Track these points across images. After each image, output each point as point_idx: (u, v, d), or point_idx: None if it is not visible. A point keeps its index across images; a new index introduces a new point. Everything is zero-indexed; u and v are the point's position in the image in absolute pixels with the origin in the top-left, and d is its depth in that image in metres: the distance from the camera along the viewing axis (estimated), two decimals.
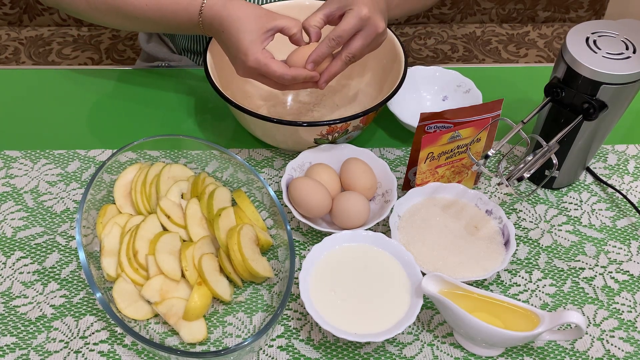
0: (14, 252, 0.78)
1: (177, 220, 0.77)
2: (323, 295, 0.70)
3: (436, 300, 0.68)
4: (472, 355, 0.71)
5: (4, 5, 1.59)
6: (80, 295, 0.74)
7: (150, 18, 0.85)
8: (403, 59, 0.88)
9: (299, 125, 0.80)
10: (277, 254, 0.78)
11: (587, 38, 0.76)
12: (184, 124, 0.95)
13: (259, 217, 0.80)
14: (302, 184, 0.79)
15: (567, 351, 0.72)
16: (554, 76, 0.78)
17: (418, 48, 1.63)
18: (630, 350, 0.72)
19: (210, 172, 0.85)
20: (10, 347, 0.70)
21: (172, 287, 0.72)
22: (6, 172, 0.87)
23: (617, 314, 0.75)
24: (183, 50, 1.15)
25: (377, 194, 0.83)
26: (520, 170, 0.73)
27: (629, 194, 0.88)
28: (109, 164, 0.78)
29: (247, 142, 0.92)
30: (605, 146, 0.94)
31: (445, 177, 0.83)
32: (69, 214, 0.82)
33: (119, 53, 1.61)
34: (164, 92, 0.99)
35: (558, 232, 0.83)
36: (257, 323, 0.73)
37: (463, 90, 0.96)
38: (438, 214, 0.80)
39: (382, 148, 0.92)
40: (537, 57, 1.61)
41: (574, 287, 0.78)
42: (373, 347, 0.71)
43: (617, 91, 0.74)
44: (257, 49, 0.77)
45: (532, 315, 0.68)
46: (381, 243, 0.74)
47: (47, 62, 1.55)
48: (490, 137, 0.82)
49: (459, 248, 0.77)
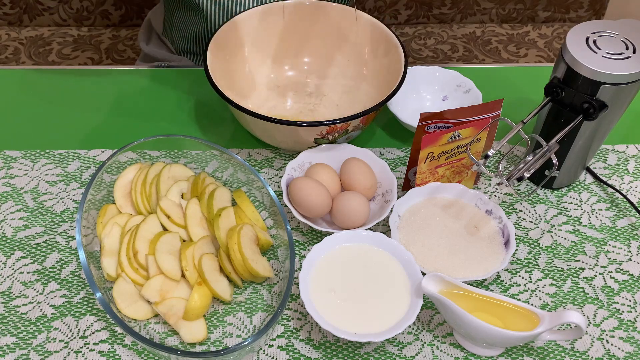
0: (14, 252, 0.78)
1: (177, 220, 0.77)
2: (323, 295, 0.70)
3: (436, 300, 0.68)
4: (472, 355, 0.71)
5: (4, 5, 1.59)
6: (80, 295, 0.74)
7: None
8: (403, 59, 0.88)
9: (299, 125, 0.80)
10: (277, 254, 0.78)
11: (587, 38, 0.76)
12: (184, 124, 0.95)
13: (259, 217, 0.80)
14: (303, 183, 0.79)
15: (567, 351, 0.72)
16: (554, 76, 0.78)
17: (418, 48, 1.63)
18: (630, 350, 0.72)
19: (210, 172, 0.85)
20: (10, 347, 0.70)
21: (172, 287, 0.72)
22: (6, 172, 0.87)
23: (617, 314, 0.75)
24: (182, 52, 1.15)
25: (377, 194, 0.83)
26: (520, 170, 0.73)
27: (629, 194, 0.88)
28: (109, 164, 0.78)
29: (247, 142, 0.92)
30: (605, 146, 0.94)
31: (445, 177, 0.83)
32: (69, 214, 0.83)
33: (119, 53, 1.61)
34: (164, 92, 0.99)
35: (558, 232, 0.83)
36: (257, 323, 0.73)
37: (463, 90, 0.96)
38: (438, 214, 0.80)
39: (382, 148, 0.92)
40: (537, 57, 1.61)
41: (574, 287, 0.78)
42: (373, 347, 0.71)
43: (617, 91, 0.74)
44: None
45: (532, 315, 0.68)
46: (381, 243, 0.74)
47: (47, 62, 1.55)
48: (490, 137, 0.82)
49: (459, 248, 0.77)
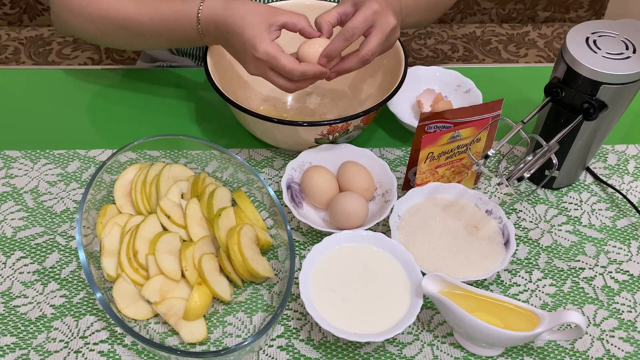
0: (14, 252, 0.78)
1: (177, 220, 0.77)
2: (323, 295, 0.70)
3: (436, 300, 0.68)
4: (472, 355, 0.71)
5: (4, 5, 1.59)
6: (80, 295, 0.74)
7: (155, 32, 0.85)
8: (403, 59, 0.88)
9: (299, 125, 0.80)
10: (277, 254, 0.78)
11: (587, 38, 0.76)
12: (184, 124, 0.95)
13: (259, 217, 0.80)
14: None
15: (567, 351, 0.72)
16: (554, 76, 0.78)
17: (418, 48, 1.63)
18: (630, 350, 0.72)
19: (210, 172, 0.85)
20: (10, 347, 0.70)
21: (172, 287, 0.72)
22: (6, 172, 0.87)
23: (617, 314, 0.75)
24: (183, 52, 1.15)
25: (377, 194, 0.83)
26: (520, 170, 0.73)
27: (629, 194, 0.88)
28: (109, 164, 0.78)
29: (247, 142, 0.92)
30: (605, 146, 0.94)
31: (445, 177, 0.83)
32: (69, 214, 0.82)
33: (119, 53, 1.61)
34: (164, 92, 0.99)
35: (558, 232, 0.83)
36: (257, 323, 0.73)
37: (463, 90, 0.96)
38: (438, 214, 0.80)
39: (382, 148, 0.92)
40: (537, 57, 1.61)
41: (574, 287, 0.78)
42: (373, 347, 0.71)
43: (617, 91, 0.74)
44: (266, 41, 0.76)
45: (532, 315, 0.68)
46: (381, 243, 0.74)
47: (47, 62, 1.55)
48: (490, 137, 0.82)
49: (459, 248, 0.77)
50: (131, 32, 0.86)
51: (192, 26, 0.82)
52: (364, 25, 0.76)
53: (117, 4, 0.85)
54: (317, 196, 0.80)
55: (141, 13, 0.84)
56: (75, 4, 0.86)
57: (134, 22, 0.84)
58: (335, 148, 0.86)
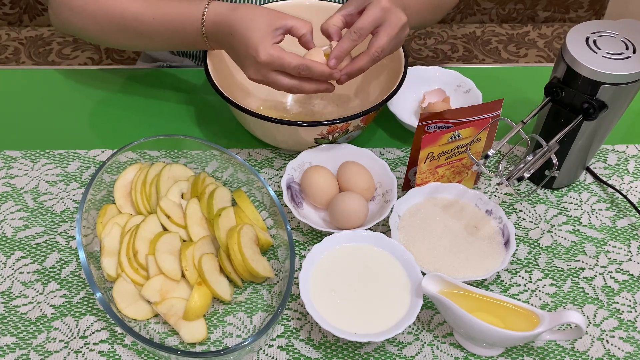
0: (14, 252, 0.78)
1: (177, 220, 0.77)
2: (323, 295, 0.70)
3: (436, 300, 0.68)
4: (472, 355, 0.71)
5: (4, 5, 1.59)
6: (80, 295, 0.75)
7: (159, 32, 0.84)
8: (403, 59, 0.88)
9: (299, 125, 0.80)
10: (277, 254, 0.78)
11: (587, 38, 0.76)
12: (184, 124, 0.95)
13: (259, 217, 0.80)
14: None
15: (567, 351, 0.72)
16: (554, 76, 0.78)
17: (418, 48, 1.63)
18: (630, 350, 0.72)
19: (210, 172, 0.85)
20: (10, 347, 0.70)
21: (172, 287, 0.72)
22: (6, 172, 0.87)
23: (617, 314, 0.75)
24: (183, 52, 1.15)
25: (377, 194, 0.83)
26: (520, 170, 0.73)
27: (629, 194, 0.88)
28: (109, 164, 0.78)
29: (247, 142, 0.92)
30: (605, 146, 0.94)
31: (445, 177, 0.83)
32: (69, 214, 0.83)
33: (119, 53, 1.61)
34: (164, 92, 0.99)
35: (558, 232, 0.83)
36: (257, 323, 0.73)
37: (463, 90, 0.96)
38: (438, 214, 0.80)
39: (382, 148, 0.92)
40: (537, 57, 1.61)
41: (574, 287, 0.78)
42: (373, 347, 0.71)
43: (617, 91, 0.74)
44: (268, 44, 0.75)
45: (532, 315, 0.68)
46: (381, 243, 0.74)
47: (47, 62, 1.55)
48: (490, 137, 0.82)
49: (459, 248, 0.77)
50: (133, 31, 0.85)
51: (196, 27, 0.81)
52: (371, 24, 0.75)
53: (121, 2, 0.84)
54: (317, 196, 0.80)
55: (145, 12, 0.83)
56: (76, 1, 0.86)
57: (137, 21, 0.84)
58: (335, 148, 0.86)
